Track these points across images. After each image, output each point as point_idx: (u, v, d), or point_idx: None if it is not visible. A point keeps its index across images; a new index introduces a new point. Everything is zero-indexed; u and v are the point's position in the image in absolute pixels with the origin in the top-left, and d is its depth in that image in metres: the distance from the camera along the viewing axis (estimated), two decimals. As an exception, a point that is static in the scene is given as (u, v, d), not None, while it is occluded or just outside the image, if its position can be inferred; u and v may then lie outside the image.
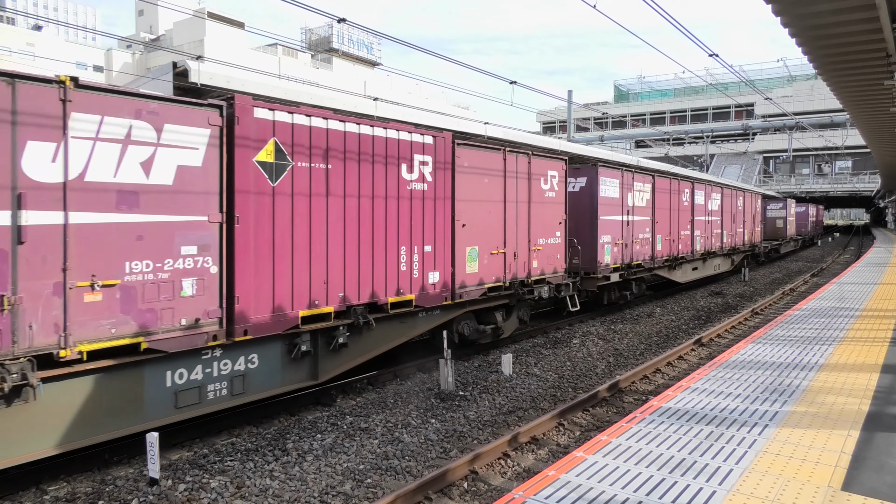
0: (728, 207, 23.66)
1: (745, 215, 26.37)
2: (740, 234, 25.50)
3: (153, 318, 6.18)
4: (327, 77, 49.88)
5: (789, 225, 36.52)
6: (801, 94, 70.15)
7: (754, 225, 27.86)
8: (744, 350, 7.88)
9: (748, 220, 26.76)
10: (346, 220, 8.11)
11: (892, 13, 9.14)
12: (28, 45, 42.61)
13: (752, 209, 27.48)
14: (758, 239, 28.45)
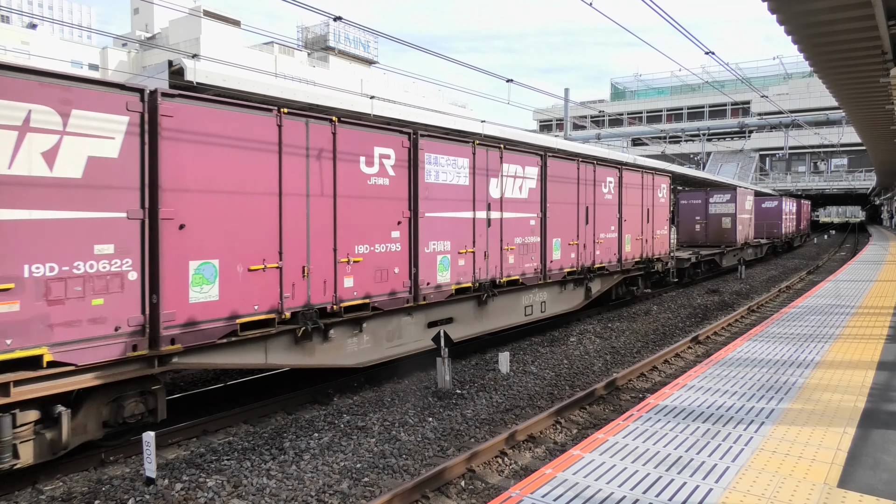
0: (561, 195, 13.04)
1: (625, 209, 15.63)
2: (608, 242, 14.89)
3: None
4: (324, 75, 49.81)
5: (741, 225, 26.23)
6: (796, 91, 70.31)
7: (652, 226, 17.05)
8: (740, 347, 7.90)
9: (632, 218, 16.00)
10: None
11: (888, 11, 9.16)
12: (23, 44, 42.45)
13: (647, 200, 16.94)
14: (663, 248, 17.72)
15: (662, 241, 17.64)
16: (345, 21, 11.39)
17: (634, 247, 15.89)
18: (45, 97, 5.39)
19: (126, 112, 5.89)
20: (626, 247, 15.41)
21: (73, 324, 5.53)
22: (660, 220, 17.47)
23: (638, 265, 16.21)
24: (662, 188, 17.84)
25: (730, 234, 25.62)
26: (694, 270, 22.06)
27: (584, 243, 13.75)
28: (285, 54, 51.86)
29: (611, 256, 14.79)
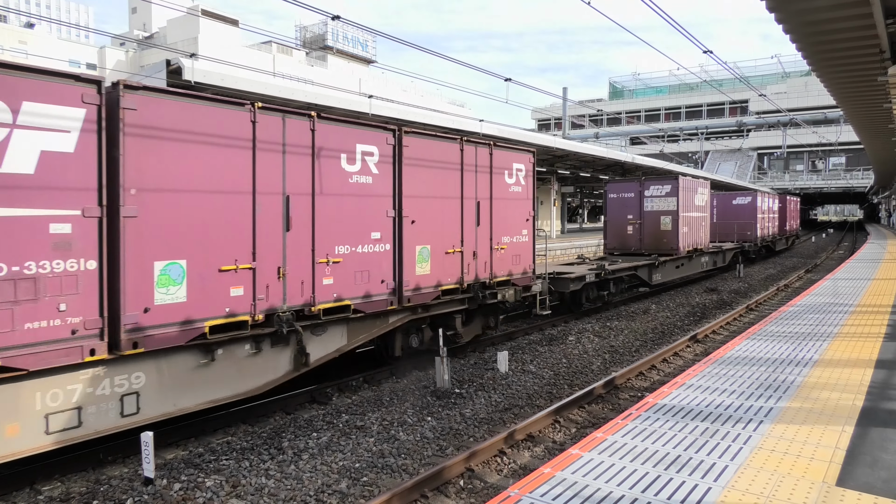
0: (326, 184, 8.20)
1: (412, 204, 9.24)
2: (355, 262, 8.43)
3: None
4: (322, 75, 49.77)
5: (687, 226, 19.76)
6: (794, 90, 70.44)
7: (491, 231, 10.81)
8: (739, 346, 7.90)
9: (432, 218, 9.59)
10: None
11: (886, 10, 9.17)
12: (20, 43, 42.37)
13: (480, 188, 10.62)
14: (519, 265, 11.51)
15: (519, 254, 11.35)
16: (343, 20, 11.38)
17: (441, 266, 9.66)
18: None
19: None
20: (418, 267, 9.27)
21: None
22: (512, 222, 11.19)
23: (451, 296, 9.93)
24: (518, 171, 11.47)
25: (670, 239, 18.87)
26: (598, 292, 15.58)
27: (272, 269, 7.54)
28: (283, 54, 51.82)
29: (366, 287, 8.43)
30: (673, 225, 18.93)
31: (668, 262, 18.87)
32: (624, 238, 19.89)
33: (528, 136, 26.91)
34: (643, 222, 19.45)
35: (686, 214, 19.63)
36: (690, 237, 20.17)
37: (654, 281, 18.02)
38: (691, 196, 20.23)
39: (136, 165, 5.97)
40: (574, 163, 33.21)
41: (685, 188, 19.49)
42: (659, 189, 19.43)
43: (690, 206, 20.16)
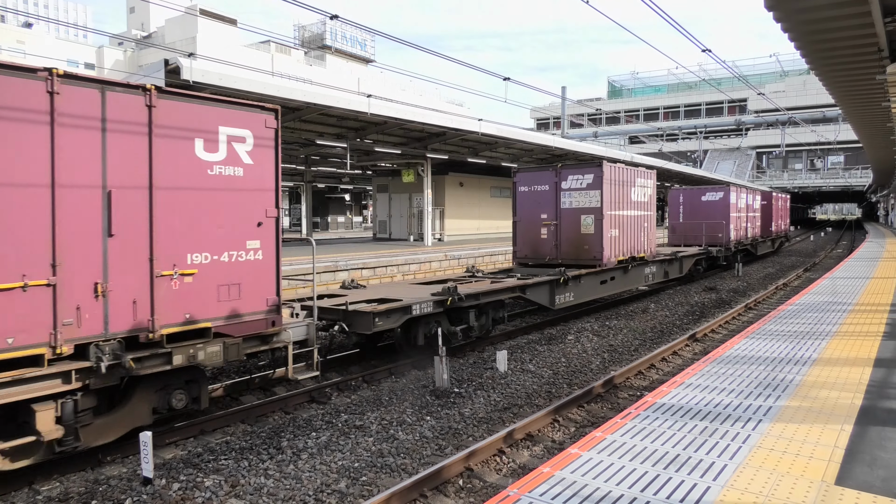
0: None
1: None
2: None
3: None
4: (321, 74, 49.75)
5: (618, 229, 15.25)
6: (793, 89, 70.49)
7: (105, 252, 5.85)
8: (738, 345, 7.91)
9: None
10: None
11: (885, 8, 9.17)
12: (18, 43, 42.30)
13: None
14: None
15: (239, 283, 6.88)
16: (341, 19, 11.37)
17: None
18: None
19: None
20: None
21: None
22: (221, 226, 6.73)
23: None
24: (233, 140, 6.84)
25: (592, 245, 14.37)
26: (451, 327, 10.39)
27: None
28: (282, 53, 51.78)
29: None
30: (596, 227, 14.34)
31: (587, 276, 14.05)
32: (537, 244, 15.16)
33: (528, 135, 26.91)
34: (560, 224, 14.79)
35: (615, 213, 14.92)
36: (623, 243, 15.46)
37: (560, 304, 12.99)
38: (624, 189, 15.37)
39: None
40: (573, 162, 33.25)
41: (613, 179, 14.83)
42: (578, 179, 14.57)
43: (622, 201, 15.33)
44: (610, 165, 14.84)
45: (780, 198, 37.53)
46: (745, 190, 28.14)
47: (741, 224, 26.78)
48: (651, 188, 17.09)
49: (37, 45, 42.83)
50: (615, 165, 15.15)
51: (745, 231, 27.43)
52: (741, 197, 26.88)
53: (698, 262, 22.01)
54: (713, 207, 25.05)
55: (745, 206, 27.46)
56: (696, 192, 25.83)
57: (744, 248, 27.47)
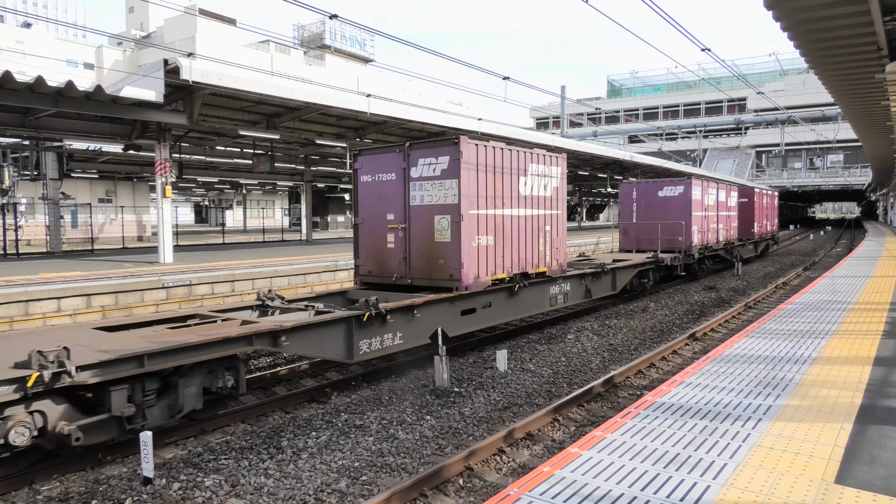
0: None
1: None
2: None
3: None
4: (320, 74, 49.74)
5: (504, 236, 11.10)
6: (792, 88, 70.51)
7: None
8: (737, 344, 7.91)
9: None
10: None
11: (884, 7, 9.18)
12: (17, 43, 42.24)
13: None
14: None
15: None
16: (341, 19, 11.36)
17: None
18: None
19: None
20: None
21: None
22: None
23: None
24: None
25: (448, 259, 10.20)
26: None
27: None
28: (281, 53, 51.76)
29: None
30: (452, 232, 10.00)
31: (434, 306, 9.70)
32: (383, 256, 10.93)
33: (528, 134, 26.90)
34: (409, 228, 10.53)
35: (486, 212, 10.56)
36: (505, 254, 11.13)
37: (369, 352, 8.74)
38: (504, 179, 11.00)
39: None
40: (572, 161, 33.20)
41: (482, 164, 10.44)
42: (431, 164, 10.22)
43: (502, 196, 10.97)
44: (472, 144, 10.20)
45: (765, 194, 32.39)
46: (715, 184, 23.60)
47: (708, 225, 22.42)
48: (558, 178, 12.70)
49: (36, 46, 42.78)
50: (485, 145, 10.56)
51: (715, 233, 23.23)
52: (709, 192, 22.51)
53: (642, 275, 17.64)
54: (671, 205, 20.61)
55: (714, 203, 23.10)
56: (651, 186, 21.28)
57: (713, 254, 23.38)
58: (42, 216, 27.97)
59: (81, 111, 14.29)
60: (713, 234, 22.99)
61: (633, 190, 21.50)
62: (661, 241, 20.12)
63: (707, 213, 22.21)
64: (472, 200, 10.26)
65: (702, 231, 21.59)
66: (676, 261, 19.32)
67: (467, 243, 10.16)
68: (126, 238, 30.70)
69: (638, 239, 21.03)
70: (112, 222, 33.56)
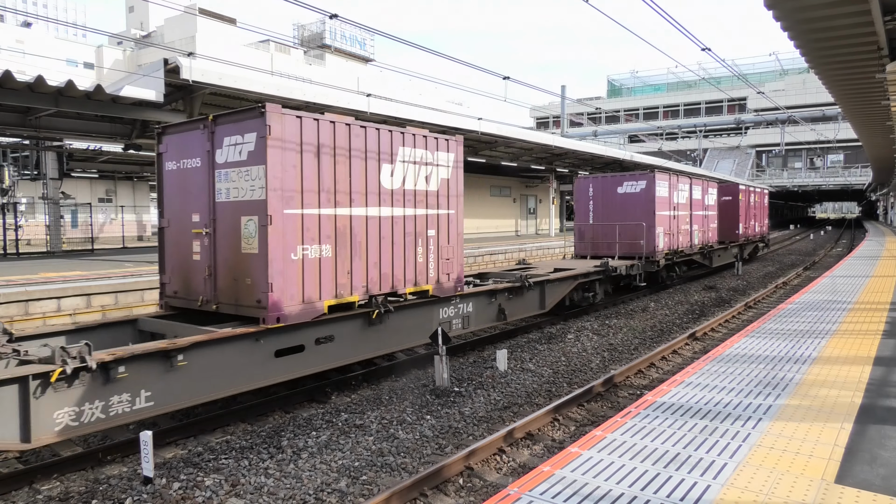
0: None
1: None
2: None
3: None
4: (320, 73, 49.73)
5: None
6: (792, 87, 70.49)
7: None
8: (737, 344, 7.91)
9: None
10: None
11: (885, 7, 9.17)
12: (17, 42, 42.25)
13: None
14: None
15: None
16: (341, 19, 11.35)
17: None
18: None
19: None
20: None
21: None
22: None
23: None
24: None
25: (257, 279, 7.37)
26: None
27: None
28: (281, 52, 51.75)
29: None
30: (260, 241, 7.38)
31: (213, 346, 6.85)
32: (188, 270, 8.36)
33: (527, 134, 26.90)
34: (214, 232, 7.96)
35: (315, 212, 7.89)
36: (354, 269, 8.37)
37: (43, 436, 5.59)
38: (348, 167, 8.26)
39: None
40: (573, 161, 33.19)
41: (301, 143, 7.73)
42: (237, 146, 7.60)
43: (348, 189, 8.31)
44: (290, 116, 7.52)
45: (753, 192, 28.94)
46: (688, 180, 20.30)
47: (678, 226, 19.30)
48: (451, 168, 10.11)
49: (36, 45, 42.78)
50: (314, 118, 7.82)
51: (688, 236, 20.17)
52: (679, 189, 19.30)
53: (586, 287, 14.73)
54: (632, 203, 17.67)
55: (686, 201, 19.95)
56: (609, 181, 18.27)
57: (685, 259, 20.23)
58: (42, 216, 27.99)
59: (81, 111, 14.29)
60: (685, 236, 19.97)
61: (589, 186, 18.51)
62: (619, 246, 17.47)
63: (677, 212, 19.16)
64: (289, 196, 7.49)
65: (670, 233, 18.54)
66: (634, 269, 16.40)
67: (279, 255, 7.37)
68: (126, 238, 30.69)
69: (595, 243, 18.20)
70: (112, 222, 33.55)
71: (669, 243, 18.62)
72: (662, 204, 18.01)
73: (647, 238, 17.30)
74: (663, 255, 18.01)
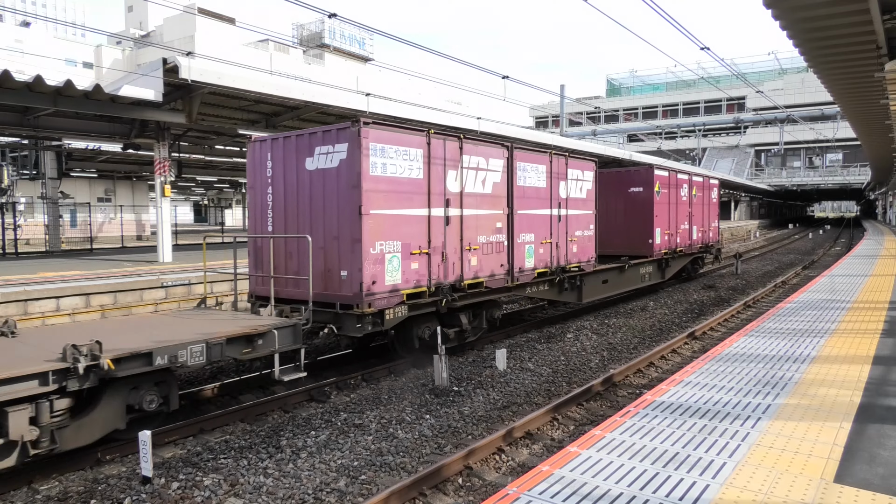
0: None
1: None
2: None
3: None
4: (319, 73, 49.70)
5: None
6: (791, 86, 70.54)
7: None
8: (736, 343, 7.91)
9: None
10: None
11: (884, 6, 9.17)
12: (16, 42, 42.20)
13: None
14: None
15: None
16: (339, 18, 11.34)
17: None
18: None
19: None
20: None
21: None
22: None
23: None
24: None
25: None
26: None
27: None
28: (280, 52, 51.72)
29: None
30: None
31: None
32: None
33: (527, 133, 26.91)
34: None
35: None
36: None
37: None
38: None
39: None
40: (572, 160, 33.17)
41: None
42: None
43: None
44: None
45: (687, 182, 19.85)
46: (491, 146, 11.10)
47: (458, 242, 10.30)
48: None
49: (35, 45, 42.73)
50: None
51: (493, 256, 11.08)
52: (468, 164, 10.46)
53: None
54: (330, 192, 9.20)
55: (487, 190, 10.95)
56: (297, 143, 9.60)
57: (484, 300, 11.00)
58: (41, 215, 27.95)
59: (80, 110, 14.27)
60: (488, 259, 10.89)
61: (268, 155, 9.97)
62: (313, 283, 8.71)
63: (447, 210, 10.05)
64: None
65: (425, 252, 9.63)
66: (297, 340, 7.88)
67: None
68: (125, 237, 30.65)
69: (276, 278, 9.35)
70: (111, 221, 33.51)
71: (443, 274, 9.93)
72: (392, 192, 9.14)
73: (350, 268, 8.86)
74: (400, 301, 9.23)
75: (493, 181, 11.20)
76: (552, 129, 74.00)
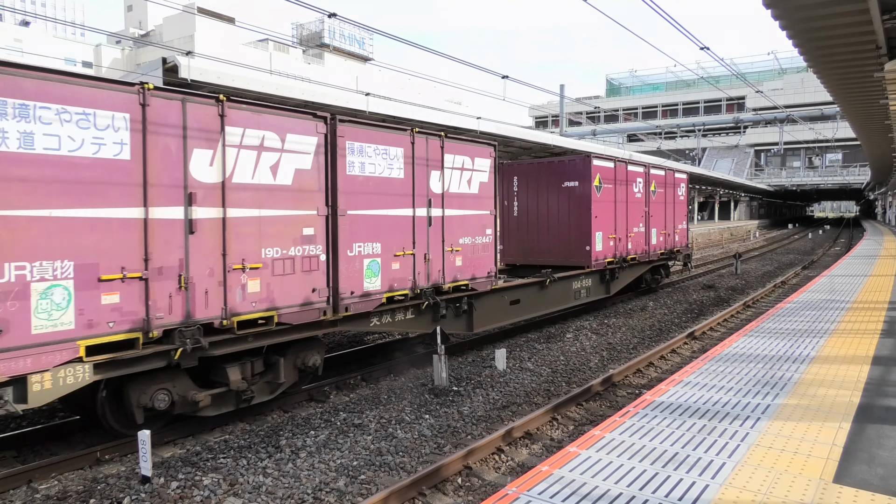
0: None
1: None
2: None
3: None
4: (319, 72, 49.73)
5: None
6: (791, 86, 70.57)
7: None
8: (736, 343, 7.91)
9: None
10: None
11: (883, 5, 9.17)
12: (16, 41, 42.21)
13: None
14: None
15: None
16: (339, 18, 11.34)
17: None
18: None
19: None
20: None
21: None
22: None
23: None
24: None
25: None
26: None
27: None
28: (280, 51, 51.73)
29: None
30: None
31: None
32: None
33: (526, 133, 26.90)
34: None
35: None
36: None
37: None
38: None
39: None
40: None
41: None
42: None
43: None
44: None
45: (645, 175, 16.77)
46: (321, 125, 8.14)
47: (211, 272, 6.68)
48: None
49: (34, 44, 42.73)
50: None
51: (277, 285, 7.32)
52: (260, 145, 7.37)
53: None
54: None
55: (287, 182, 7.52)
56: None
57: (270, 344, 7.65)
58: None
59: (80, 110, 14.24)
60: (283, 284, 7.41)
61: None
62: None
63: (242, 211, 7.03)
64: None
65: (178, 278, 6.37)
66: None
67: None
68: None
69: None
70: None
71: (133, 307, 6.18)
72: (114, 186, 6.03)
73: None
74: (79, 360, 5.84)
75: (296, 167, 7.71)
76: (552, 129, 74.05)
